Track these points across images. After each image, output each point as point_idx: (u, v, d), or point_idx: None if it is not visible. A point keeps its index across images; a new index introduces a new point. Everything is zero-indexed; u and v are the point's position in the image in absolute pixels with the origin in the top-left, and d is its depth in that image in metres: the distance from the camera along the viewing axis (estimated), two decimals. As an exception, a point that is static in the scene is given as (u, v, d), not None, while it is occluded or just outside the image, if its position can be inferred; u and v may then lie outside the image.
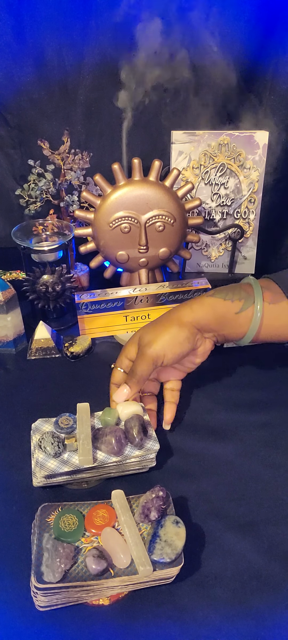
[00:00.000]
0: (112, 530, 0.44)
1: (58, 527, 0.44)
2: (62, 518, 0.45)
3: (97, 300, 0.79)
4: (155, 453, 0.53)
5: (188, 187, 0.83)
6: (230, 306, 0.57)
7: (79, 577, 0.41)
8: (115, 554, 0.42)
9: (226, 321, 0.57)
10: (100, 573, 0.41)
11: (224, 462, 0.57)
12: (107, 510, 0.46)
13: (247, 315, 0.57)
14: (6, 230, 1.14)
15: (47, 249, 0.80)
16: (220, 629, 0.40)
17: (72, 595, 0.41)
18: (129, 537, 0.43)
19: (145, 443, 0.54)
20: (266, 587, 0.44)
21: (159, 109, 1.06)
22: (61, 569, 0.40)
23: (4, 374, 0.73)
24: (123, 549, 0.42)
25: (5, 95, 1.04)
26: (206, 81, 1.04)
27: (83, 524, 0.45)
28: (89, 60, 1.02)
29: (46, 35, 0.99)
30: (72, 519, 0.45)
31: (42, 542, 0.43)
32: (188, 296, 0.81)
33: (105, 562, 0.41)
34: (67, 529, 0.44)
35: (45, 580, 0.40)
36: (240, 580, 0.44)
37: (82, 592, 0.41)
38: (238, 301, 0.57)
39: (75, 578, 0.41)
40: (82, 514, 0.46)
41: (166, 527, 0.44)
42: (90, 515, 0.46)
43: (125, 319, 0.81)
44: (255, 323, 0.57)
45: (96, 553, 0.42)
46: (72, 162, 0.89)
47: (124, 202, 0.79)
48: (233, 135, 0.89)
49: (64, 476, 0.51)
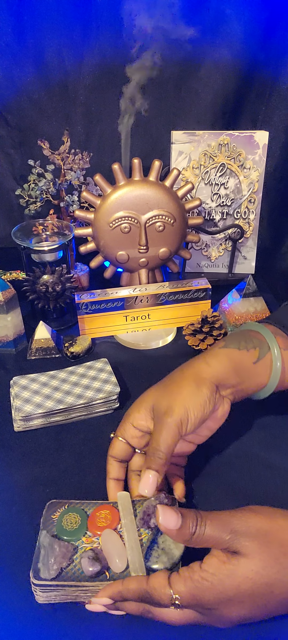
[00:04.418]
0: (111, 533, 0.44)
1: (60, 524, 0.44)
2: (66, 516, 0.45)
3: (97, 300, 0.79)
4: (116, 395, 0.63)
5: (188, 187, 0.83)
6: (246, 356, 0.51)
7: (75, 577, 0.41)
8: (111, 557, 0.42)
9: (245, 372, 0.51)
10: (94, 575, 0.41)
11: (224, 462, 0.57)
12: (111, 512, 0.46)
13: (265, 363, 0.52)
14: (6, 230, 1.14)
15: (47, 249, 0.80)
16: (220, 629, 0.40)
17: (70, 594, 0.41)
18: (126, 541, 0.43)
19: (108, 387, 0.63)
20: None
21: (159, 109, 1.06)
22: (56, 568, 0.41)
23: (4, 374, 0.73)
24: (119, 553, 0.42)
25: (5, 95, 1.04)
26: (206, 81, 1.04)
27: (85, 523, 0.45)
28: (89, 60, 1.02)
29: (46, 35, 1.00)
30: (75, 517, 0.45)
31: (40, 539, 0.43)
32: (188, 296, 0.81)
33: (100, 564, 0.41)
34: (68, 527, 0.44)
35: (41, 577, 0.40)
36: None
37: (79, 591, 0.41)
38: (254, 350, 0.52)
39: (70, 577, 0.41)
40: (86, 513, 0.46)
41: (165, 535, 0.42)
42: (93, 516, 0.46)
43: (125, 319, 0.81)
44: (276, 371, 0.52)
45: (92, 555, 0.41)
46: (72, 162, 0.89)
47: (124, 202, 0.79)
48: (233, 135, 0.89)
49: (40, 419, 0.61)
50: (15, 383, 0.66)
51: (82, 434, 0.61)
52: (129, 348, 0.79)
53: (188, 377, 0.49)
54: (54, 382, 0.66)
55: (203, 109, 1.06)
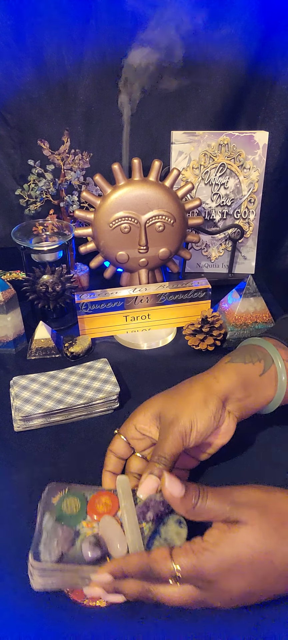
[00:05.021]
0: (111, 519, 0.44)
1: (60, 508, 0.45)
2: (65, 500, 0.45)
3: (97, 300, 0.79)
4: (116, 395, 0.63)
5: (188, 187, 0.83)
6: (252, 369, 0.52)
7: (75, 561, 0.41)
8: (111, 543, 0.42)
9: (252, 385, 0.52)
10: (95, 560, 0.41)
11: (224, 462, 0.57)
12: (110, 498, 0.46)
13: (270, 375, 0.52)
14: (6, 230, 1.14)
15: (47, 249, 0.80)
16: (219, 629, 0.40)
17: (68, 580, 0.41)
18: (126, 524, 0.43)
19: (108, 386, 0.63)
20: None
21: (159, 109, 1.06)
22: (58, 551, 0.41)
23: (4, 374, 0.73)
24: (120, 538, 0.42)
25: (5, 95, 1.04)
26: (206, 81, 1.04)
27: (85, 508, 0.45)
28: (89, 60, 1.02)
29: (46, 35, 0.99)
30: (75, 502, 0.45)
31: (43, 522, 0.43)
32: (188, 296, 0.81)
33: (101, 550, 0.41)
34: (68, 511, 0.44)
35: (42, 559, 0.40)
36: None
37: (77, 577, 0.41)
38: (259, 362, 0.52)
39: (71, 561, 0.41)
40: (86, 498, 0.46)
41: (168, 525, 0.43)
42: (93, 501, 0.46)
43: (125, 319, 0.81)
44: (282, 383, 0.52)
45: (93, 540, 0.41)
46: (72, 162, 0.89)
47: (124, 202, 0.79)
48: (233, 136, 0.89)
49: (40, 419, 0.61)
50: (15, 383, 0.66)
51: (82, 433, 0.61)
52: (129, 348, 0.80)
53: (196, 391, 0.50)
54: (54, 382, 0.66)
55: (203, 109, 1.06)
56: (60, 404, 0.62)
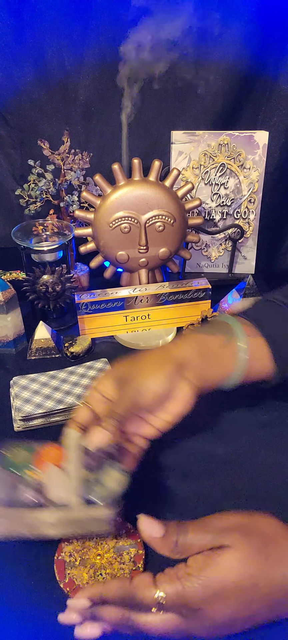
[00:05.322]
0: (55, 468, 0.45)
1: (7, 457, 0.46)
2: (14, 449, 0.47)
3: (97, 300, 0.79)
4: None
5: (188, 187, 0.83)
6: (213, 340, 0.53)
7: (17, 506, 0.42)
8: (53, 490, 0.43)
9: (211, 356, 0.52)
10: (34, 505, 0.42)
11: (224, 462, 0.57)
12: (57, 450, 0.47)
13: (231, 349, 0.52)
14: (6, 230, 1.14)
15: (47, 249, 0.80)
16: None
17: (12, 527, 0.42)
18: (69, 472, 0.44)
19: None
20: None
21: (159, 109, 1.06)
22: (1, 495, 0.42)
23: (4, 374, 0.73)
24: (62, 486, 0.43)
25: (5, 95, 1.04)
26: (206, 81, 1.04)
27: (31, 458, 0.46)
28: (89, 60, 1.02)
29: (46, 35, 0.99)
30: (22, 452, 0.47)
31: None
32: (188, 296, 0.81)
33: (41, 496, 0.42)
34: (15, 460, 0.46)
35: None
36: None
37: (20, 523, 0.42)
38: (221, 335, 0.53)
39: (13, 506, 0.42)
40: (33, 449, 0.47)
41: (109, 473, 0.44)
42: (39, 452, 0.47)
43: (125, 319, 0.81)
44: (241, 357, 0.52)
45: (34, 485, 0.43)
46: (72, 162, 0.89)
47: (124, 202, 0.79)
48: (233, 135, 0.89)
49: (40, 419, 0.61)
50: (15, 383, 0.66)
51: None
52: (129, 348, 0.80)
53: (154, 354, 0.52)
54: (54, 382, 0.66)
55: (203, 109, 1.06)
56: (60, 404, 0.62)
